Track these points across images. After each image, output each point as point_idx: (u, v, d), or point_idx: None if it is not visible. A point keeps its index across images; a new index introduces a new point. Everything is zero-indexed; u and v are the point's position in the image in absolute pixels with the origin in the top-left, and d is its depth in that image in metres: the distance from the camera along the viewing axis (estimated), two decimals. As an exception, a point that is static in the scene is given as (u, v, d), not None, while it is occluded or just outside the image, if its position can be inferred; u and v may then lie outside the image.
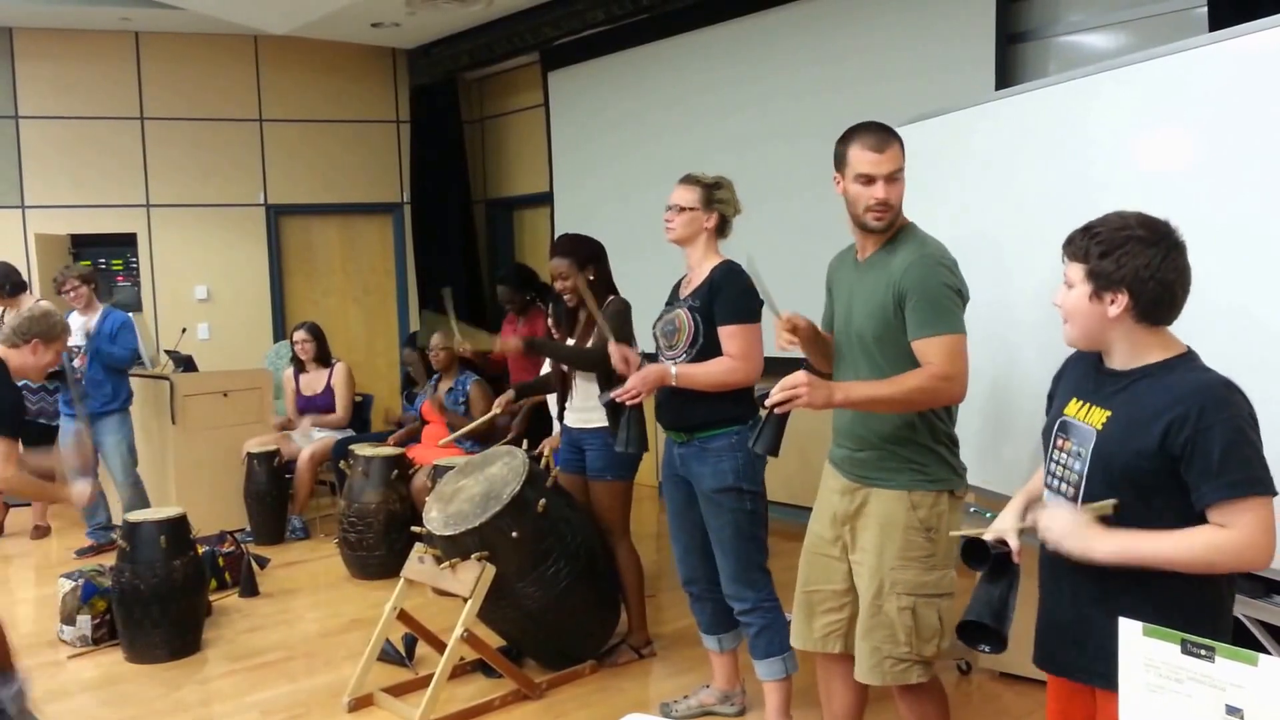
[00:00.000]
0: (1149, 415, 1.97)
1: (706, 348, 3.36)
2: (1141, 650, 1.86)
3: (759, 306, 3.36)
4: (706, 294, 3.37)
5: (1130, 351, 2.05)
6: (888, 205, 2.68)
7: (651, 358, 3.53)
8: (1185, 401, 1.93)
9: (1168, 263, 1.98)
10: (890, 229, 2.73)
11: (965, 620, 2.13)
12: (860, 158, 2.67)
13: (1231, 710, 1.73)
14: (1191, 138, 2.82)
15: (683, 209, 3.43)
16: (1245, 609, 2.70)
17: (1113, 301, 2.00)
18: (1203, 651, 1.77)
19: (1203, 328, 2.67)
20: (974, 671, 4.05)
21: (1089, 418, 2.09)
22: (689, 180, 3.46)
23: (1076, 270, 2.05)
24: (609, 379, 4.00)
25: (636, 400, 3.33)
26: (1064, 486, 2.12)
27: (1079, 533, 1.99)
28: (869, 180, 2.66)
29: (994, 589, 2.11)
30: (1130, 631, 1.88)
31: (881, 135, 2.68)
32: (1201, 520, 1.94)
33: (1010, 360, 3.33)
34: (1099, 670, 2.04)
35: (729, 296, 3.33)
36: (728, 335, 3.32)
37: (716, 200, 3.41)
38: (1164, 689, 1.83)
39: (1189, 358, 2.03)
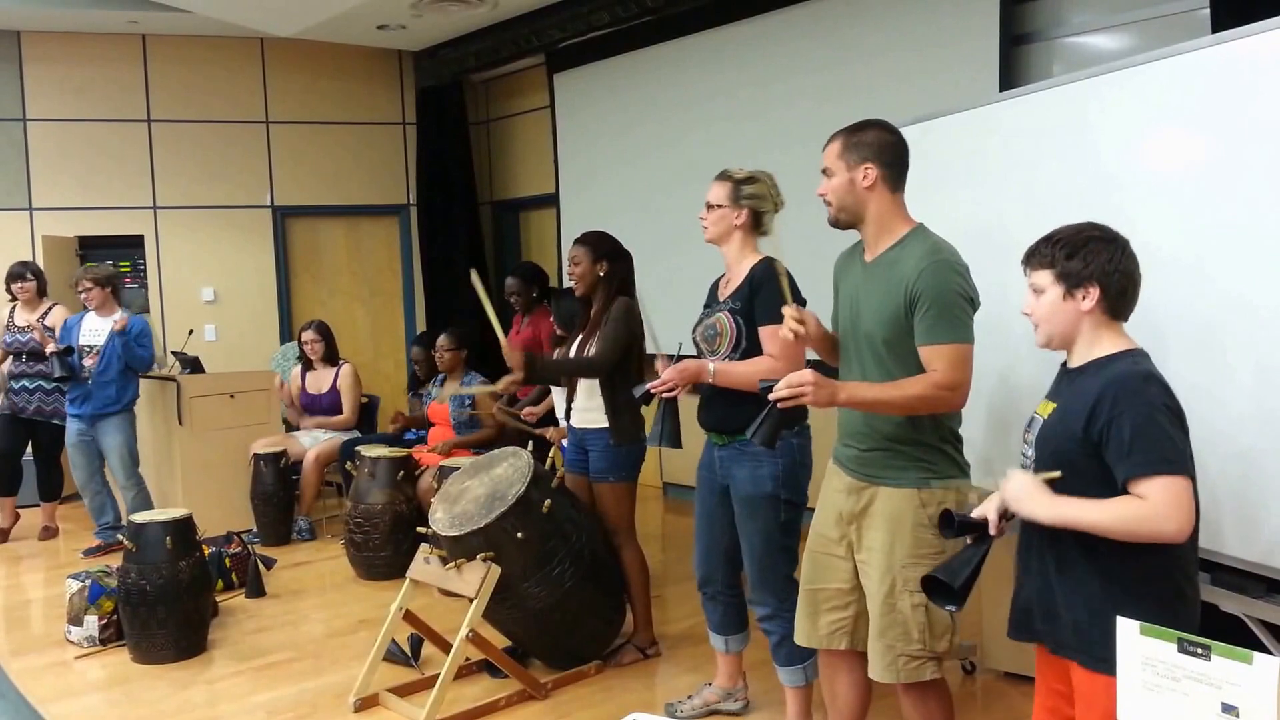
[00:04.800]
0: (1079, 405, 2.17)
1: (750, 350, 3.29)
2: (1139, 649, 1.88)
3: (801, 305, 3.31)
4: (746, 294, 3.30)
5: (1088, 347, 2.24)
6: (824, 198, 2.80)
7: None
8: (1105, 391, 2.13)
9: (1126, 256, 2.21)
10: (840, 224, 2.82)
11: (926, 575, 2.33)
12: None
13: (1227, 708, 1.75)
14: (1194, 139, 2.83)
15: (711, 206, 3.40)
16: (1246, 608, 2.71)
17: (1085, 296, 2.20)
18: (1199, 650, 1.79)
19: (1203, 326, 2.69)
20: (979, 671, 4.06)
21: (1044, 411, 2.30)
22: (720, 176, 3.43)
23: (1044, 276, 2.25)
24: (612, 382, 4.02)
25: (672, 394, 3.27)
26: None
27: (1028, 496, 2.18)
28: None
29: (964, 554, 2.30)
30: (1128, 630, 1.90)
31: (831, 136, 2.82)
32: None
33: (1013, 360, 3.33)
34: (1065, 641, 2.21)
35: (769, 295, 3.24)
36: (768, 335, 3.23)
37: (745, 196, 3.36)
38: (1161, 687, 1.84)
39: (1131, 354, 2.20)
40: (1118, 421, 2.08)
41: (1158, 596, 2.11)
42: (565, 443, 4.54)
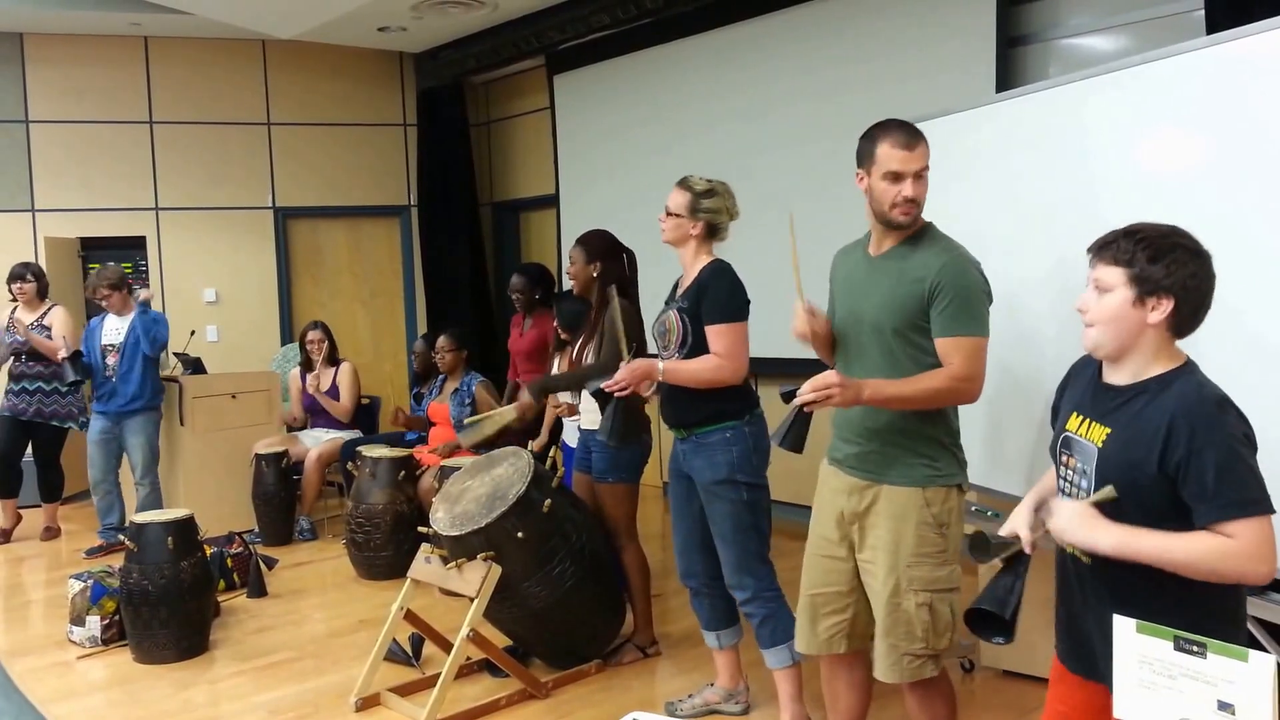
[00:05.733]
0: (1146, 435, 1.97)
1: (696, 347, 3.41)
2: (1135, 647, 1.89)
3: (745, 305, 3.43)
4: (695, 294, 3.43)
5: (1143, 362, 2.04)
6: (915, 203, 2.69)
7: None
8: (1178, 420, 1.93)
9: (1209, 275, 2.00)
10: (914, 226, 2.75)
11: (971, 608, 2.17)
12: (889, 155, 2.67)
13: (1223, 706, 1.76)
14: (1189, 139, 2.85)
15: (669, 214, 3.50)
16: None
17: (1155, 308, 1.98)
18: (1195, 648, 1.80)
19: (1201, 329, 2.71)
20: (977, 670, 4.07)
21: (1090, 434, 2.09)
22: (681, 185, 3.50)
23: (1115, 273, 2.02)
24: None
25: (624, 392, 3.41)
26: None
27: (1083, 523, 2.00)
28: (897, 177, 2.67)
29: (1003, 579, 2.15)
30: (1124, 628, 1.91)
31: (910, 132, 2.70)
32: None
33: (1011, 360, 3.35)
34: None
35: (714, 296, 3.38)
36: (714, 334, 3.37)
37: (702, 210, 3.45)
38: (1157, 685, 1.85)
39: (1187, 370, 2.02)
40: (1198, 457, 1.90)
41: (1219, 626, 1.95)
42: (569, 442, 4.56)
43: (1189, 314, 1.99)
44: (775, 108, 6.35)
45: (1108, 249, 2.04)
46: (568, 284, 4.53)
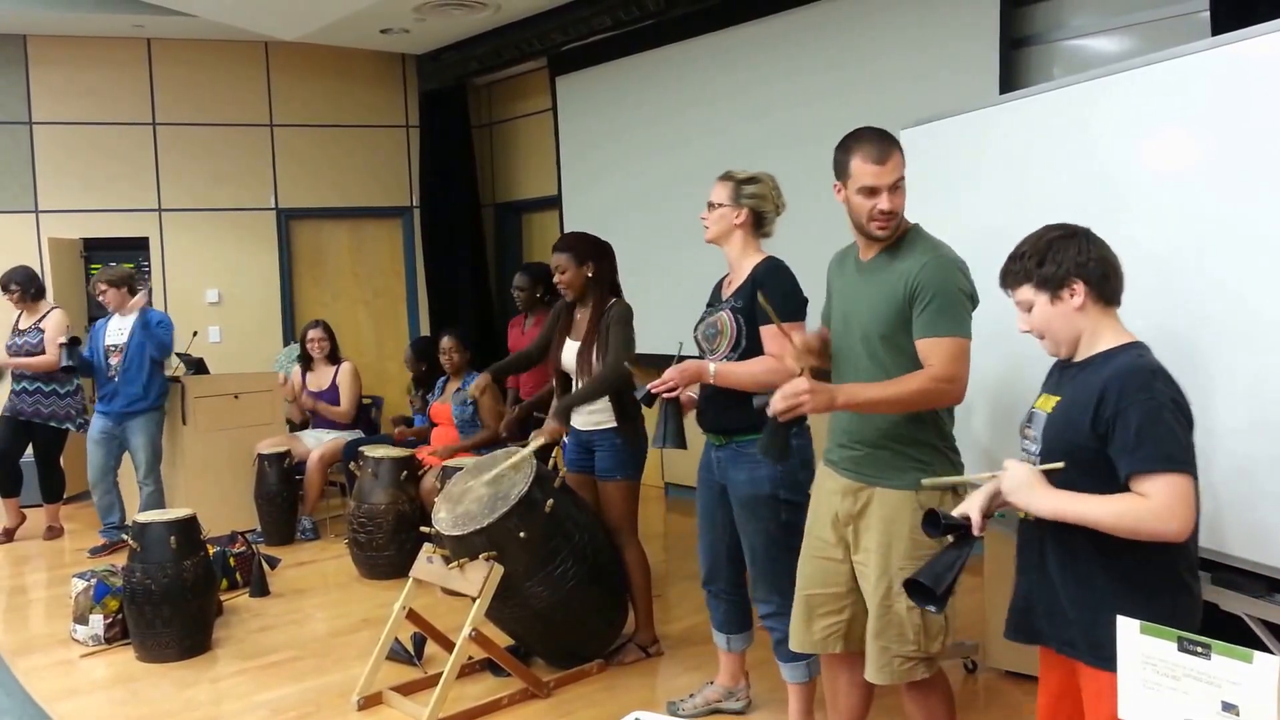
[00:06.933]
0: (1084, 398, 2.16)
1: (750, 349, 3.29)
2: (1139, 647, 1.89)
3: (803, 305, 3.30)
4: (749, 293, 3.29)
5: (1089, 341, 2.24)
6: (892, 215, 2.70)
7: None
8: (1110, 384, 2.12)
9: (1093, 244, 2.23)
10: (894, 234, 2.75)
11: (908, 579, 2.30)
12: (863, 170, 2.68)
13: (1227, 707, 1.76)
14: (1194, 141, 2.84)
15: (713, 205, 3.40)
16: (1246, 607, 2.72)
17: (1071, 294, 2.22)
18: (1199, 649, 1.80)
19: (1206, 327, 2.71)
20: (980, 670, 4.07)
21: (1045, 405, 2.29)
22: (723, 177, 3.43)
23: (1026, 290, 2.28)
24: (621, 396, 4.03)
25: (673, 394, 3.26)
26: None
27: (1026, 486, 2.18)
28: (872, 192, 2.68)
29: (945, 555, 2.26)
30: (1128, 628, 1.91)
31: (882, 145, 2.70)
32: None
33: (1014, 365, 3.34)
34: (1067, 639, 2.22)
35: (772, 294, 3.20)
36: (770, 335, 3.21)
37: (746, 196, 3.36)
38: (1161, 686, 1.85)
39: (1133, 347, 2.20)
40: (1124, 415, 2.06)
41: (1164, 592, 2.11)
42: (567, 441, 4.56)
43: (1100, 282, 2.21)
44: (777, 109, 6.35)
45: (1009, 276, 2.32)
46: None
